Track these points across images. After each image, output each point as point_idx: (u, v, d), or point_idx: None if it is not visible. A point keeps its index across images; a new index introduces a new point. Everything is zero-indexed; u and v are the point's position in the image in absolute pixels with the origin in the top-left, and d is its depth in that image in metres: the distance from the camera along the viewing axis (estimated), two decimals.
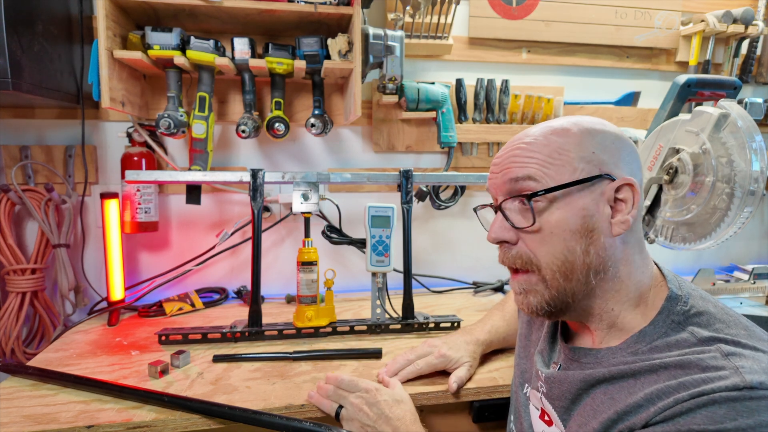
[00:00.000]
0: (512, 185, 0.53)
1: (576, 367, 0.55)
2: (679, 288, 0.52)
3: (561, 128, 0.53)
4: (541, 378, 0.59)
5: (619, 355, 0.51)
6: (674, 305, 0.50)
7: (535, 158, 0.52)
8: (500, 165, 0.55)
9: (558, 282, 0.51)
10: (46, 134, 1.14)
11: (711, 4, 1.43)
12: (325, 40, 1.06)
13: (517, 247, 0.53)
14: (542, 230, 0.51)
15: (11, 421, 0.65)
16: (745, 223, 0.83)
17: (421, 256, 1.38)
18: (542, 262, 0.51)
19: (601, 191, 0.51)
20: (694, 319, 0.49)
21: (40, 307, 1.09)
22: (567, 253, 0.50)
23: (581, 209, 0.50)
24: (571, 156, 0.51)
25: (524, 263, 0.53)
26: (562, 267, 0.50)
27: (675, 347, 0.47)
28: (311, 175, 0.99)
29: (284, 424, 0.64)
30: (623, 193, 0.51)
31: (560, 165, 0.51)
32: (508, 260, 0.55)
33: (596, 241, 0.50)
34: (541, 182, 0.51)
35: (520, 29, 1.32)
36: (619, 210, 0.51)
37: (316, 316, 0.96)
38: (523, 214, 0.53)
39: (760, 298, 1.23)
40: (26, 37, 0.91)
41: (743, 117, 0.82)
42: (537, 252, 0.52)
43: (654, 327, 0.50)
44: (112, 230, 1.08)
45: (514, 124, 1.33)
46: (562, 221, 0.50)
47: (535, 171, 0.51)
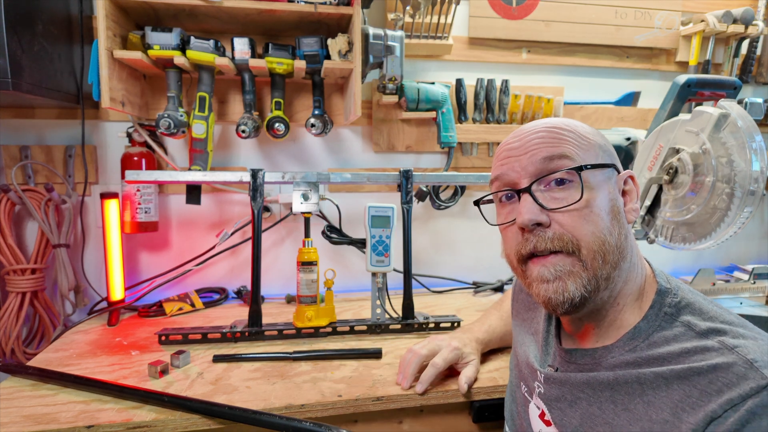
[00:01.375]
0: (544, 165, 0.51)
1: (573, 369, 0.54)
2: (668, 282, 0.52)
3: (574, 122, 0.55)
4: (538, 378, 0.59)
5: (617, 354, 0.50)
6: (664, 298, 0.51)
7: (566, 139, 0.51)
8: (522, 148, 0.53)
9: (597, 263, 0.49)
10: (46, 134, 1.14)
11: (711, 4, 1.43)
12: (325, 40, 1.06)
13: (552, 228, 0.50)
14: (585, 207, 0.49)
15: (11, 421, 0.65)
16: (745, 223, 0.83)
17: (421, 256, 1.38)
18: (582, 241, 0.49)
19: (616, 179, 0.53)
20: (685, 310, 0.49)
21: (40, 307, 1.09)
22: (606, 232, 0.49)
23: (609, 192, 0.51)
24: (591, 142, 0.52)
25: (564, 244, 0.49)
26: (603, 247, 0.49)
27: (673, 341, 0.47)
28: (311, 175, 0.99)
29: (284, 424, 0.64)
30: (628, 184, 0.54)
31: (587, 149, 0.52)
32: (541, 243, 0.50)
33: (622, 225, 0.51)
34: (576, 162, 0.50)
35: (520, 29, 1.32)
36: (628, 200, 0.54)
37: (316, 316, 0.96)
38: (557, 195, 0.50)
39: (760, 298, 1.23)
40: (26, 37, 0.91)
41: (743, 117, 0.82)
42: (577, 231, 0.49)
43: (647, 322, 0.50)
44: (112, 230, 1.08)
45: (514, 124, 1.33)
46: (600, 202, 0.50)
47: (569, 150, 0.51)
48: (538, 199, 0.51)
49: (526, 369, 0.63)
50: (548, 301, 0.50)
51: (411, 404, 0.74)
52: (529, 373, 0.62)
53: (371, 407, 0.73)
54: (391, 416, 0.77)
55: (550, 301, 0.50)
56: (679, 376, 0.44)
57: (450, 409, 0.79)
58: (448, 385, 0.77)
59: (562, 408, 0.54)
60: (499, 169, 0.55)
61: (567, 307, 0.50)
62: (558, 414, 0.54)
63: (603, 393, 0.49)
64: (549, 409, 0.56)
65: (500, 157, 0.56)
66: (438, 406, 0.77)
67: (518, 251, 0.53)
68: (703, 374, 0.42)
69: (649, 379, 0.46)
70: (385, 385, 0.76)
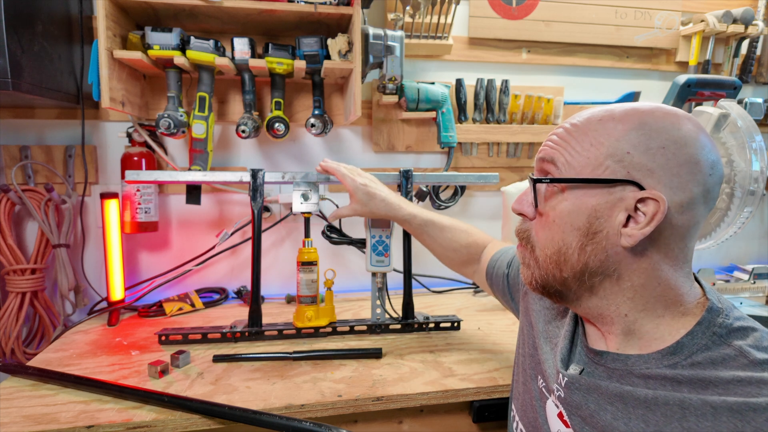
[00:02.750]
0: (540, 165, 0.53)
1: (602, 372, 0.51)
2: (719, 301, 0.48)
3: (615, 116, 0.48)
4: (559, 380, 0.55)
5: (653, 365, 0.47)
6: (715, 317, 0.46)
7: (568, 143, 0.50)
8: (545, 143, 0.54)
9: (549, 267, 0.51)
10: (46, 134, 1.14)
11: (711, 4, 1.43)
12: (325, 40, 1.06)
13: (529, 222, 0.54)
14: (546, 216, 0.51)
15: (11, 421, 0.65)
16: (745, 223, 0.83)
17: (421, 256, 1.38)
18: (538, 244, 0.52)
19: (621, 197, 0.46)
20: (737, 334, 0.45)
21: (40, 307, 1.09)
22: (562, 244, 0.50)
23: (590, 208, 0.47)
24: (601, 151, 0.47)
25: (526, 239, 0.55)
26: (554, 256, 0.50)
27: (722, 366, 0.43)
28: (311, 175, 0.99)
29: (284, 424, 0.64)
30: (647, 206, 0.45)
31: (587, 158, 0.48)
32: (518, 231, 0.57)
33: (597, 244, 0.48)
34: (560, 169, 0.50)
35: (520, 29, 1.32)
36: (632, 222, 0.47)
37: (316, 316, 0.96)
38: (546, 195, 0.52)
39: (760, 298, 1.23)
40: (26, 37, 0.91)
41: (743, 117, 0.82)
42: (538, 234, 0.53)
43: (692, 338, 0.46)
44: (112, 230, 1.08)
45: (514, 124, 1.33)
46: (567, 214, 0.49)
47: (559, 156, 0.50)
48: (535, 192, 0.52)
49: (549, 366, 0.59)
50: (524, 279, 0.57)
51: (411, 404, 0.74)
52: (551, 372, 0.58)
53: (371, 407, 0.73)
54: (391, 416, 0.77)
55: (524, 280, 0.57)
56: (732, 409, 0.40)
57: (450, 409, 0.79)
58: (447, 385, 0.77)
59: (583, 416, 0.50)
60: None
61: (531, 288, 0.56)
62: (577, 422, 0.51)
63: (635, 410, 0.46)
64: (568, 414, 0.53)
65: None
66: (438, 406, 0.77)
67: None
68: (759, 411, 0.39)
69: (694, 405, 0.42)
70: (385, 385, 0.76)
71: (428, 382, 0.78)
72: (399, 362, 0.85)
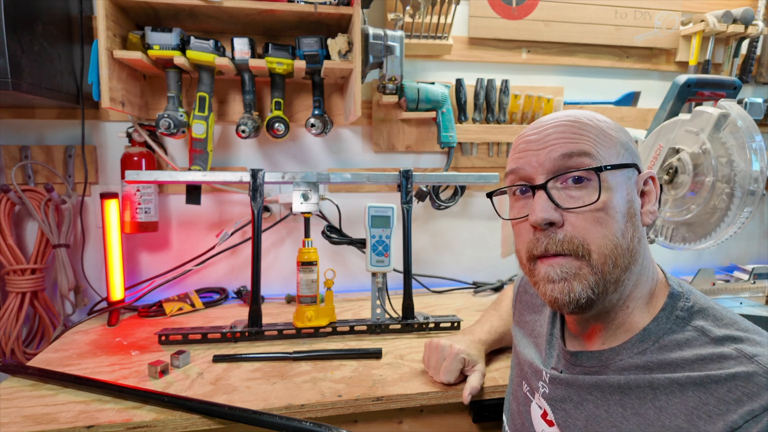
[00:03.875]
0: (563, 162, 0.49)
1: (579, 372, 0.54)
2: (680, 286, 0.52)
3: (599, 116, 0.53)
4: (543, 378, 0.58)
5: (625, 356, 0.49)
6: (676, 302, 0.50)
7: (587, 135, 0.50)
8: (541, 141, 0.51)
9: (607, 267, 0.48)
10: (46, 134, 1.14)
11: (711, 4, 1.43)
12: (325, 40, 1.06)
13: (564, 230, 0.49)
14: (601, 210, 0.48)
15: (11, 421, 0.65)
16: (745, 223, 0.83)
17: (421, 256, 1.38)
18: (593, 246, 0.48)
19: (635, 180, 0.51)
20: (698, 315, 0.48)
21: (40, 307, 1.09)
22: (619, 235, 0.48)
23: (627, 193, 0.50)
24: (615, 139, 0.51)
25: (575, 248, 0.48)
26: (614, 251, 0.48)
27: (686, 346, 0.46)
28: (311, 175, 0.99)
29: (284, 424, 0.64)
30: (648, 185, 0.52)
31: (609, 146, 0.50)
32: (552, 244, 0.49)
33: (636, 228, 0.50)
34: (596, 160, 0.48)
35: (520, 29, 1.32)
36: (646, 201, 0.52)
37: (316, 316, 0.96)
38: (573, 194, 0.49)
39: (760, 298, 1.23)
40: (26, 38, 0.91)
41: (743, 117, 0.82)
42: (589, 235, 0.48)
43: (657, 324, 0.49)
44: (112, 230, 1.08)
45: (514, 124, 1.33)
46: (616, 203, 0.48)
47: (590, 147, 0.49)
48: (553, 197, 0.49)
49: (529, 368, 0.62)
50: (554, 301, 0.50)
51: (411, 404, 0.74)
52: (532, 373, 0.61)
53: (371, 407, 0.73)
54: (391, 416, 0.77)
55: (556, 301, 0.50)
56: (695, 383, 0.43)
57: (450, 409, 0.79)
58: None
59: (567, 409, 0.53)
60: (516, 162, 0.53)
61: (573, 307, 0.49)
62: (562, 415, 0.54)
63: (612, 396, 0.49)
64: (553, 409, 0.55)
65: (518, 149, 0.53)
66: (438, 406, 0.77)
67: (529, 250, 0.51)
68: (721, 383, 0.42)
69: (662, 384, 0.45)
70: (385, 385, 0.76)
71: (428, 382, 0.78)
72: (399, 362, 0.85)
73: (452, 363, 0.75)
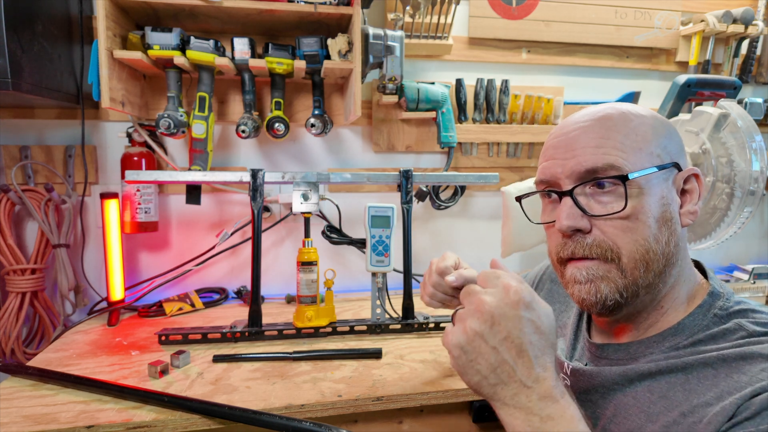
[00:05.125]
0: (587, 175, 0.48)
1: (605, 364, 0.52)
2: (721, 287, 0.50)
3: (633, 111, 0.50)
4: (565, 369, 0.56)
5: (656, 349, 0.48)
6: (716, 301, 0.48)
7: (612, 140, 0.48)
8: (567, 148, 0.50)
9: (638, 272, 0.47)
10: (46, 134, 1.14)
11: (711, 4, 1.43)
12: (325, 40, 1.06)
13: (592, 235, 0.48)
14: (629, 217, 0.47)
15: (11, 421, 0.65)
16: (745, 223, 0.83)
17: (421, 256, 1.38)
18: (624, 250, 0.47)
19: (673, 180, 0.49)
20: (738, 315, 0.46)
21: (40, 307, 1.09)
22: (652, 240, 0.47)
23: (661, 197, 0.48)
24: (648, 139, 0.49)
25: (603, 252, 0.48)
26: (646, 256, 0.47)
27: (722, 339, 0.44)
28: (311, 175, 0.99)
29: (284, 424, 0.64)
30: (690, 183, 0.50)
31: (639, 149, 0.48)
32: (580, 249, 0.49)
33: (674, 231, 0.48)
34: (623, 169, 0.47)
35: (520, 29, 1.32)
36: (687, 201, 0.50)
37: (316, 316, 0.96)
38: (602, 199, 0.48)
39: (760, 298, 1.23)
40: (26, 37, 0.91)
41: (743, 117, 0.82)
42: (619, 240, 0.47)
43: (693, 319, 0.47)
44: (112, 230, 1.08)
45: (514, 124, 1.33)
46: (648, 207, 0.47)
47: (616, 159, 0.47)
48: (580, 203, 0.49)
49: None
50: (582, 301, 0.50)
51: (411, 404, 0.74)
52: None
53: (371, 407, 0.73)
54: (391, 416, 0.77)
55: (584, 301, 0.50)
56: (726, 361, 0.41)
57: (450, 409, 0.79)
58: (447, 385, 0.77)
59: (594, 400, 0.52)
60: (543, 167, 0.53)
61: (600, 308, 0.49)
62: (589, 406, 0.52)
63: (641, 383, 0.47)
64: (579, 401, 0.53)
65: (546, 155, 0.53)
66: (438, 406, 0.77)
67: (557, 253, 0.52)
68: (753, 360, 0.40)
69: (695, 368, 0.44)
70: (385, 385, 0.76)
71: (428, 382, 0.77)
72: (399, 362, 0.85)
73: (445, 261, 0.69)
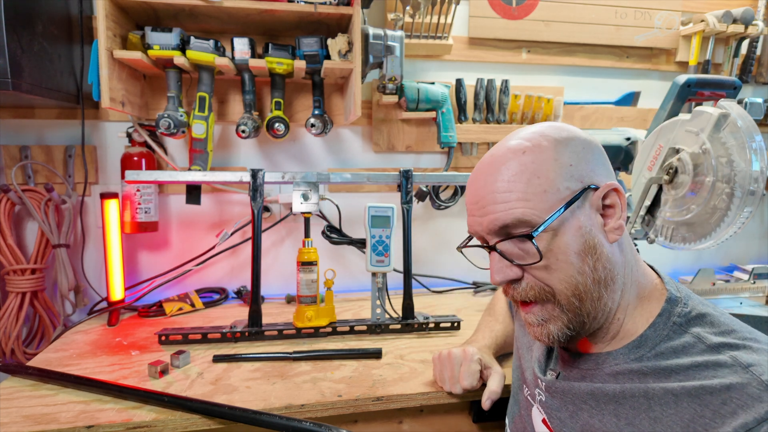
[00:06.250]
0: (504, 230, 0.50)
1: (576, 374, 0.54)
2: (678, 290, 0.51)
3: (531, 146, 0.50)
4: (540, 385, 0.58)
5: (621, 361, 0.50)
6: (674, 307, 0.49)
7: (515, 192, 0.48)
8: (479, 204, 0.52)
9: (574, 305, 0.49)
10: (46, 134, 1.14)
11: (711, 4, 1.43)
12: (325, 40, 1.06)
13: (525, 280, 0.51)
14: (549, 259, 0.49)
15: (11, 421, 0.65)
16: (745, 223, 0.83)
17: (421, 256, 1.38)
18: (555, 289, 0.49)
19: (590, 203, 0.50)
20: (696, 321, 0.48)
21: (40, 307, 1.09)
22: (577, 275, 0.48)
23: (578, 228, 0.48)
24: (551, 177, 0.48)
25: (537, 294, 0.50)
26: (576, 291, 0.49)
27: (682, 353, 0.46)
28: (311, 175, 0.99)
29: (284, 424, 0.64)
30: (610, 198, 0.50)
31: (543, 192, 0.48)
32: (519, 295, 0.52)
33: (601, 255, 0.49)
34: (532, 221, 0.48)
35: (520, 29, 1.32)
36: (610, 216, 0.50)
37: (316, 316, 0.96)
38: (522, 251, 0.50)
39: (760, 298, 1.23)
40: (26, 37, 0.91)
41: (743, 117, 0.82)
42: (548, 281, 0.49)
43: (655, 330, 0.49)
44: (112, 230, 1.08)
45: (514, 124, 1.33)
46: (565, 246, 0.48)
47: (522, 212, 0.48)
48: (506, 255, 0.51)
49: (529, 374, 0.63)
50: (539, 340, 0.53)
51: (411, 404, 0.74)
52: (531, 378, 0.62)
53: (371, 407, 0.73)
54: (391, 416, 0.77)
55: (540, 340, 0.53)
56: (690, 394, 0.42)
57: (450, 409, 0.79)
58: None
59: (562, 419, 0.54)
60: (469, 222, 0.55)
61: (557, 344, 0.52)
62: (557, 424, 0.54)
63: (607, 406, 0.49)
64: (549, 417, 0.56)
65: (468, 208, 0.55)
66: (438, 406, 0.77)
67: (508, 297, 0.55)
68: (715, 394, 0.41)
69: (657, 395, 0.45)
70: (385, 385, 0.76)
71: (428, 382, 0.77)
72: (399, 362, 0.85)
73: (471, 364, 0.72)
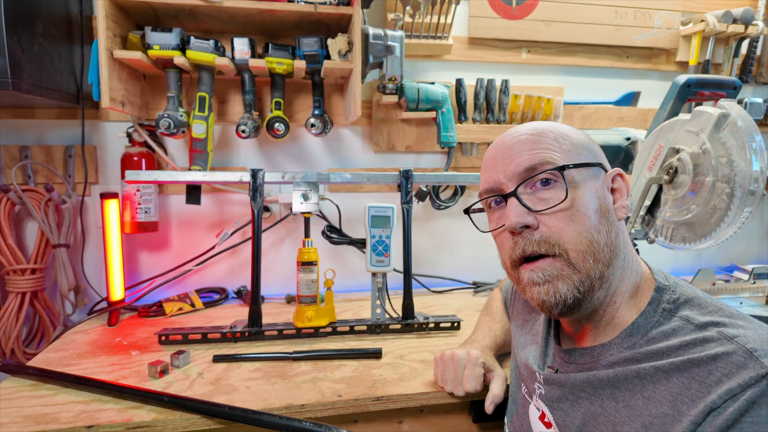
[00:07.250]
0: (528, 174, 0.52)
1: (573, 369, 0.54)
2: (666, 279, 0.53)
3: (555, 125, 0.56)
4: (538, 379, 0.59)
5: (615, 351, 0.50)
6: (662, 295, 0.51)
7: (545, 144, 0.52)
8: (506, 156, 0.54)
9: (588, 263, 0.49)
10: (46, 134, 1.14)
11: (711, 4, 1.43)
12: (325, 40, 1.06)
13: (539, 231, 0.51)
14: (570, 208, 0.50)
15: (11, 421, 0.65)
16: (745, 223, 0.83)
17: (421, 256, 1.38)
18: (570, 244, 0.49)
19: (602, 178, 0.53)
20: (684, 306, 0.49)
21: (40, 307, 1.09)
22: (594, 231, 0.49)
23: (596, 190, 0.52)
24: (574, 141, 0.53)
25: (551, 247, 0.50)
26: (591, 247, 0.49)
27: (672, 335, 0.47)
28: (311, 175, 0.99)
29: (284, 424, 0.64)
30: (617, 182, 0.55)
31: (569, 149, 0.52)
32: (530, 246, 0.51)
33: (613, 223, 0.52)
34: (558, 164, 0.51)
35: (520, 29, 1.32)
36: (618, 197, 0.54)
37: (316, 316, 0.96)
38: (543, 196, 0.51)
39: (760, 298, 1.23)
40: (26, 37, 0.91)
41: (743, 117, 0.82)
42: (563, 233, 0.49)
43: (645, 318, 0.50)
44: (112, 230, 1.08)
45: (514, 124, 1.33)
46: (586, 199, 0.50)
47: (551, 155, 0.51)
48: (524, 202, 0.51)
49: (526, 371, 0.63)
50: (542, 304, 0.51)
51: (411, 404, 0.74)
52: (528, 375, 0.62)
53: (371, 407, 0.73)
54: (391, 416, 0.77)
55: (544, 303, 0.51)
56: (678, 368, 0.44)
57: (450, 409, 0.79)
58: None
59: (564, 408, 0.54)
60: (486, 177, 0.57)
61: (561, 308, 0.50)
62: (560, 414, 0.54)
63: (604, 391, 0.50)
64: (551, 410, 0.56)
65: (486, 167, 0.57)
66: (438, 406, 0.77)
67: (510, 257, 0.54)
68: (702, 365, 0.42)
69: (649, 374, 0.46)
70: (385, 385, 0.76)
71: (428, 382, 0.77)
72: (399, 362, 0.85)
73: (475, 368, 0.71)
